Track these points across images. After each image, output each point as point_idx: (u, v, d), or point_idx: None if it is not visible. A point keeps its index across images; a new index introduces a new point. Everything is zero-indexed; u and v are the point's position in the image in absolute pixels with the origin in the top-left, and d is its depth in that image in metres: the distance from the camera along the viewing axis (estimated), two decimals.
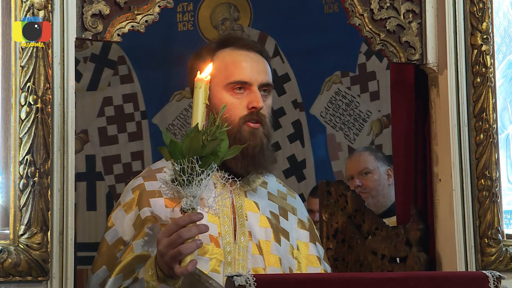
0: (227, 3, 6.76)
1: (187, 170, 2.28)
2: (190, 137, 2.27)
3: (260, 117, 2.63)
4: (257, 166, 2.65)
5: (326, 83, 6.62)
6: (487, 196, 2.95)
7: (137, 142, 6.77)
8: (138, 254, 2.52)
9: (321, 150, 6.64)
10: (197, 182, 2.28)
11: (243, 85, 2.63)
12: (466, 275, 2.54)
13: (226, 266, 2.55)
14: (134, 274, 2.49)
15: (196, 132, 2.29)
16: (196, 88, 2.36)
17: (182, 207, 2.31)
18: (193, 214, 2.31)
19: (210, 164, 2.30)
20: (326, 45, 6.40)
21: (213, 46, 2.72)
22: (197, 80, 2.37)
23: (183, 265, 2.28)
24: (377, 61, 6.35)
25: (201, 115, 2.33)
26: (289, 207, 2.79)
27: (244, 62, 2.66)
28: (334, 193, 3.43)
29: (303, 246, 2.74)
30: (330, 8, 6.48)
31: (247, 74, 2.64)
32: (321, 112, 6.63)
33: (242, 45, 2.69)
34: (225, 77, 2.64)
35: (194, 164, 2.27)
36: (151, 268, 2.38)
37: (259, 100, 2.62)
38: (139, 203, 2.60)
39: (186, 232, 2.29)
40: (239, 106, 2.62)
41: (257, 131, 2.62)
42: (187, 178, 2.28)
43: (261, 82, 2.65)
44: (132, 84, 6.80)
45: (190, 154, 2.27)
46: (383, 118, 6.41)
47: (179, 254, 2.28)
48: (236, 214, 2.64)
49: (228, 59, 2.66)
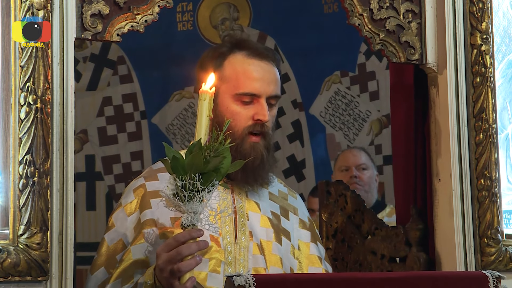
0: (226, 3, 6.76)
1: (188, 186, 2.27)
2: (193, 154, 2.26)
3: (263, 129, 2.63)
4: (257, 178, 2.65)
5: (326, 83, 6.62)
6: (486, 196, 2.95)
7: (137, 142, 6.77)
8: (136, 259, 2.51)
9: (321, 150, 6.64)
10: (198, 199, 2.28)
11: (251, 97, 2.63)
12: (466, 275, 2.54)
13: (227, 266, 2.55)
14: (132, 279, 2.48)
15: (199, 148, 2.27)
16: (200, 100, 2.33)
17: (183, 223, 2.30)
18: (193, 231, 2.29)
19: (211, 180, 2.29)
20: (326, 45, 6.40)
21: (225, 49, 2.69)
22: (202, 92, 2.34)
23: (182, 282, 2.27)
24: (376, 61, 6.36)
25: (204, 129, 2.31)
26: (290, 207, 2.79)
27: (255, 72, 2.64)
28: (333, 193, 3.43)
29: (304, 246, 2.74)
30: (329, 8, 6.48)
31: (257, 86, 2.63)
32: (321, 112, 6.63)
33: (256, 53, 2.67)
34: (235, 87, 2.63)
35: (195, 181, 2.26)
36: (150, 279, 2.37)
37: (265, 113, 2.62)
38: (140, 205, 2.59)
39: (186, 249, 2.28)
40: (245, 116, 2.62)
41: (258, 145, 2.62)
42: (188, 194, 2.27)
43: (269, 94, 2.66)
44: (131, 84, 6.80)
45: (192, 171, 2.26)
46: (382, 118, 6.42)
47: (178, 271, 2.27)
48: (237, 214, 2.64)
49: (240, 68, 2.65)
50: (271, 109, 2.68)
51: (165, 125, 6.68)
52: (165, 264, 2.29)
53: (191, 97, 6.73)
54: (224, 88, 2.62)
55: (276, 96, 2.69)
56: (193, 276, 2.29)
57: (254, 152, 2.61)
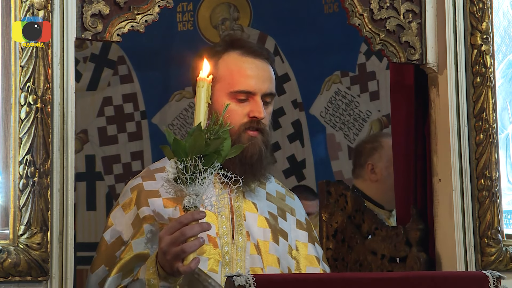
0: (227, 3, 6.76)
1: (190, 168, 2.28)
2: (194, 135, 2.28)
3: (260, 126, 2.64)
4: (255, 173, 2.66)
5: (326, 83, 6.62)
6: (487, 196, 2.95)
7: (137, 142, 6.77)
8: (137, 253, 2.53)
9: (321, 150, 6.64)
10: (200, 181, 2.29)
11: (246, 94, 2.64)
12: (466, 275, 2.54)
13: (224, 266, 2.56)
14: (132, 273, 2.50)
15: (199, 130, 2.29)
16: (198, 87, 2.37)
17: (185, 205, 2.31)
18: (196, 212, 2.31)
19: (213, 162, 2.31)
20: (326, 45, 6.40)
21: (219, 48, 2.71)
22: (199, 79, 2.38)
23: (186, 263, 2.29)
24: (377, 61, 6.35)
25: (203, 114, 2.34)
26: (287, 207, 2.80)
27: (250, 70, 2.66)
28: (334, 193, 3.43)
29: (302, 246, 2.74)
30: (330, 8, 6.48)
31: (252, 84, 2.64)
32: (321, 112, 6.63)
33: (249, 51, 2.69)
34: (230, 85, 2.64)
35: (197, 163, 2.28)
36: (152, 266, 2.38)
37: (261, 110, 2.63)
38: (137, 202, 2.61)
39: (189, 230, 2.29)
40: (241, 113, 2.64)
41: (255, 139, 2.64)
42: (190, 176, 2.29)
43: (264, 92, 2.66)
44: (131, 84, 6.80)
45: (194, 153, 2.28)
46: (383, 118, 6.41)
47: (182, 252, 2.28)
48: (234, 215, 2.65)
49: (234, 66, 2.66)
50: (267, 107, 2.68)
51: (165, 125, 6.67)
52: (168, 246, 2.30)
53: (191, 97, 6.72)
54: (219, 87, 2.63)
55: (271, 94, 2.69)
56: (197, 257, 2.31)
57: (252, 146, 2.62)
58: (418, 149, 3.14)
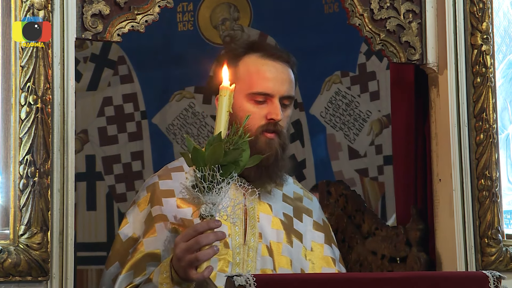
0: (227, 3, 6.76)
1: (208, 177, 2.29)
2: (213, 145, 2.28)
3: (277, 128, 2.65)
4: (271, 175, 2.67)
5: (326, 83, 6.61)
6: (487, 196, 2.95)
7: (137, 142, 6.76)
8: (148, 252, 2.55)
9: (321, 150, 6.63)
10: (217, 190, 2.30)
11: (264, 96, 2.65)
12: (466, 275, 2.54)
13: (235, 266, 2.58)
14: (144, 272, 2.52)
15: (219, 140, 2.29)
16: (220, 96, 2.36)
17: (201, 213, 2.32)
18: (212, 221, 2.32)
19: (230, 173, 2.31)
20: (326, 45, 6.39)
21: (240, 50, 2.72)
22: (222, 88, 2.37)
23: (200, 271, 2.30)
24: (377, 61, 6.35)
25: (224, 123, 2.34)
26: (304, 209, 2.80)
27: (269, 72, 2.66)
28: (334, 193, 3.43)
29: (318, 248, 2.75)
30: (330, 8, 6.48)
31: (270, 86, 2.65)
32: (321, 112, 6.63)
33: (269, 54, 2.70)
34: (248, 86, 2.65)
35: (215, 172, 2.28)
36: (166, 271, 2.40)
37: (278, 112, 2.64)
38: (151, 200, 2.63)
39: (204, 238, 2.30)
40: (258, 115, 2.64)
41: (273, 141, 2.64)
42: (207, 185, 2.29)
43: (283, 94, 2.67)
44: (132, 84, 6.80)
45: (212, 162, 2.28)
46: (383, 118, 6.41)
47: (196, 260, 2.30)
48: (247, 215, 2.66)
49: (253, 68, 2.67)
50: (285, 110, 2.69)
51: (165, 125, 6.67)
52: (183, 253, 2.31)
53: (191, 97, 6.73)
54: (237, 88, 2.62)
55: (290, 97, 2.70)
56: (211, 265, 2.32)
57: (269, 148, 2.63)
58: (418, 149, 3.14)
